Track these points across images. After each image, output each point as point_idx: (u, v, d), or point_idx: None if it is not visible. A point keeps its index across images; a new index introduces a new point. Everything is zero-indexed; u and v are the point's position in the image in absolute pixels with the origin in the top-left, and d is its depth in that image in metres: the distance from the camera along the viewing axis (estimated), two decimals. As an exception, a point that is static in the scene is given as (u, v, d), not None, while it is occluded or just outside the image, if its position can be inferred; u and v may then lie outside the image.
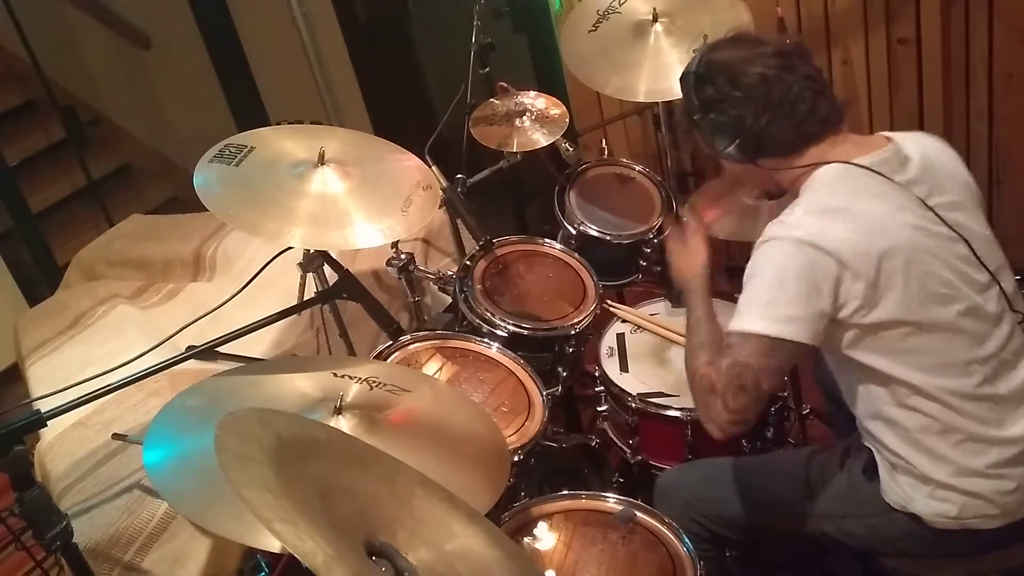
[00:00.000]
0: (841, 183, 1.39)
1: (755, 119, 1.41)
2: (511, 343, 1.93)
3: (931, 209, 1.36)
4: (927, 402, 1.36)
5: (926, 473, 1.39)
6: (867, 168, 1.37)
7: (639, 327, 2.13)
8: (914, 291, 1.33)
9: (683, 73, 1.51)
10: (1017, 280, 1.46)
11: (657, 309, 2.20)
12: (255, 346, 2.09)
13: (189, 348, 1.79)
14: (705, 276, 1.56)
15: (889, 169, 1.38)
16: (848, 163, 1.38)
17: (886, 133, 1.46)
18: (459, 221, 2.31)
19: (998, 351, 1.38)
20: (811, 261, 1.31)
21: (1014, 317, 1.42)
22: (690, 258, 1.61)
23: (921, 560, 1.49)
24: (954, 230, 1.37)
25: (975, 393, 1.37)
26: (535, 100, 2.32)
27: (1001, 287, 1.40)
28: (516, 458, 1.67)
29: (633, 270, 2.31)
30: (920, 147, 1.44)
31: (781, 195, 1.49)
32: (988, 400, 1.38)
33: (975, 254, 1.38)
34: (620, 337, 2.11)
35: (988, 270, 1.39)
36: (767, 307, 1.33)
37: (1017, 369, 1.41)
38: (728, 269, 3.08)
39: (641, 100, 2.30)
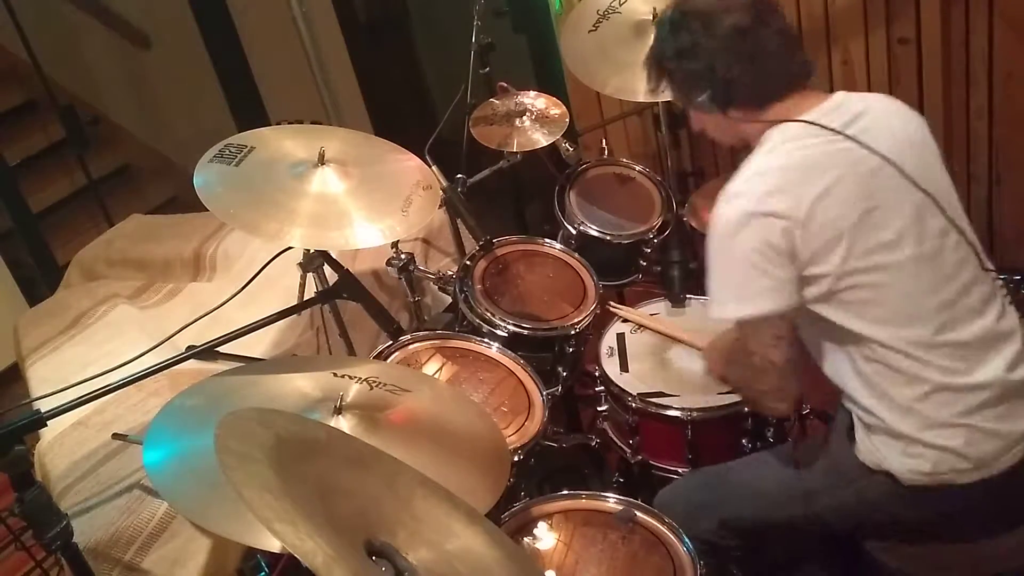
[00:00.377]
0: (783, 142, 1.41)
1: (727, 69, 1.43)
2: (511, 343, 1.93)
3: (875, 152, 1.37)
4: (890, 353, 1.37)
5: (897, 428, 1.39)
6: (809, 122, 1.40)
7: (640, 327, 2.13)
8: (856, 237, 1.35)
9: (658, 19, 1.54)
10: (1017, 280, 1.46)
11: (657, 309, 2.20)
12: (255, 346, 2.09)
13: (189, 348, 1.79)
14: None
15: (828, 119, 1.40)
16: (793, 120, 1.41)
17: (843, 92, 1.48)
18: (459, 221, 2.31)
19: (959, 297, 1.38)
20: (759, 231, 1.35)
21: (978, 264, 1.41)
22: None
23: (917, 547, 1.49)
24: (903, 172, 1.36)
25: (935, 341, 1.37)
26: (535, 100, 2.32)
27: (964, 235, 1.40)
28: (516, 458, 1.67)
29: (633, 270, 2.31)
30: (868, 100, 1.46)
31: (745, 149, 1.50)
32: (950, 347, 1.37)
33: (931, 197, 1.37)
34: (620, 337, 2.11)
35: (945, 214, 1.38)
36: (735, 290, 1.39)
37: (982, 316, 1.40)
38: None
39: (641, 100, 2.30)
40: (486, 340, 1.93)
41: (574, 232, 2.25)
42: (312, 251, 1.85)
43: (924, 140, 1.46)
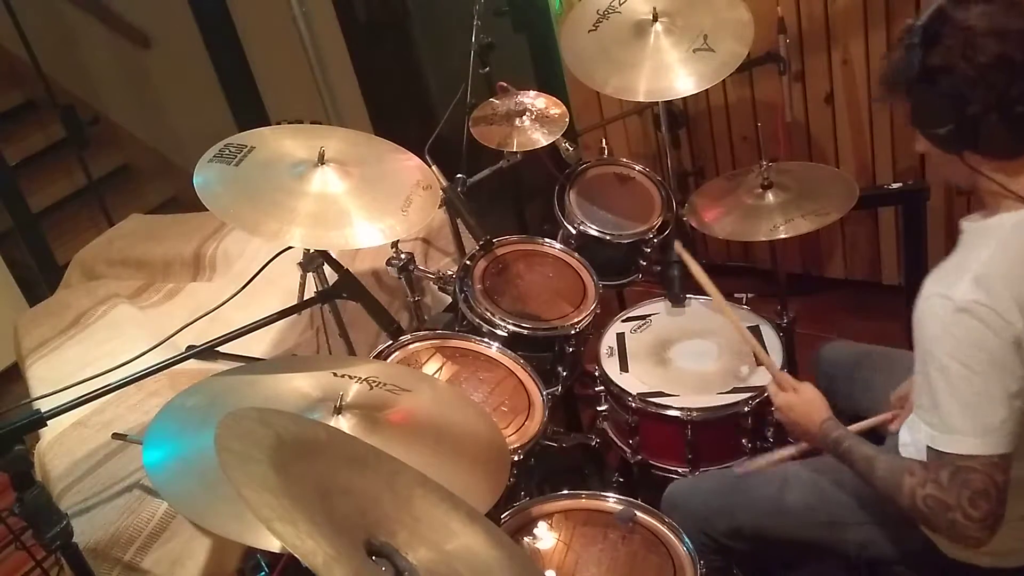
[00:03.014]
0: (1018, 239, 1.20)
1: (982, 108, 1.18)
2: (511, 343, 1.93)
3: None
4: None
5: None
6: None
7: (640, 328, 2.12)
8: None
9: (910, 25, 1.23)
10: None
11: (657, 309, 2.20)
12: (255, 346, 2.09)
13: (189, 348, 1.79)
14: (833, 421, 1.42)
15: None
16: None
17: None
18: (459, 221, 2.31)
19: None
20: (1002, 349, 1.15)
21: None
22: (808, 409, 1.46)
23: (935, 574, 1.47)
24: None
25: None
26: (535, 100, 2.32)
27: None
28: (516, 458, 1.67)
29: (633, 270, 2.31)
30: None
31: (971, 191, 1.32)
32: None
33: None
34: (620, 337, 2.11)
35: None
36: (979, 422, 1.17)
37: None
38: (727, 268, 3.09)
39: (641, 100, 2.31)
40: (486, 340, 1.93)
41: (574, 232, 2.25)
42: (312, 251, 1.85)
43: None
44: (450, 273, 2.13)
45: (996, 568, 1.37)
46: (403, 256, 2.10)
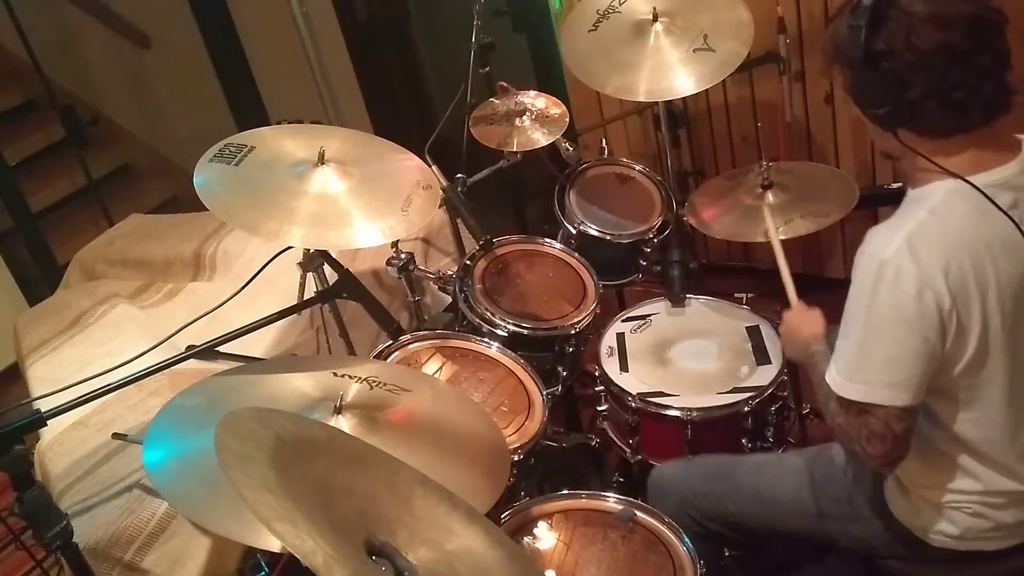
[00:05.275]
0: (949, 208, 1.24)
1: (921, 94, 1.21)
2: (511, 343, 1.93)
3: None
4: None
5: (937, 496, 1.36)
6: (978, 188, 1.22)
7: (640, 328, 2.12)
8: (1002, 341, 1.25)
9: (856, 2, 1.23)
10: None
11: (657, 309, 2.20)
12: (255, 346, 2.09)
13: (189, 348, 1.79)
14: (820, 339, 1.51)
15: (1002, 188, 1.23)
16: (963, 179, 1.23)
17: None
18: (459, 221, 2.31)
19: None
20: (917, 308, 1.21)
21: None
22: (811, 326, 1.55)
23: (924, 564, 1.48)
24: None
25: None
26: (535, 100, 2.32)
27: None
28: (516, 457, 1.68)
29: (633, 270, 2.31)
30: None
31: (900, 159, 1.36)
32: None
33: None
34: (620, 337, 2.11)
35: None
36: (880, 373, 1.25)
37: None
38: (727, 268, 3.10)
39: (641, 100, 2.30)
40: (486, 340, 1.93)
41: (574, 232, 2.25)
42: (312, 251, 1.85)
43: None
44: (450, 273, 2.13)
45: (973, 552, 1.38)
46: (403, 256, 2.10)
